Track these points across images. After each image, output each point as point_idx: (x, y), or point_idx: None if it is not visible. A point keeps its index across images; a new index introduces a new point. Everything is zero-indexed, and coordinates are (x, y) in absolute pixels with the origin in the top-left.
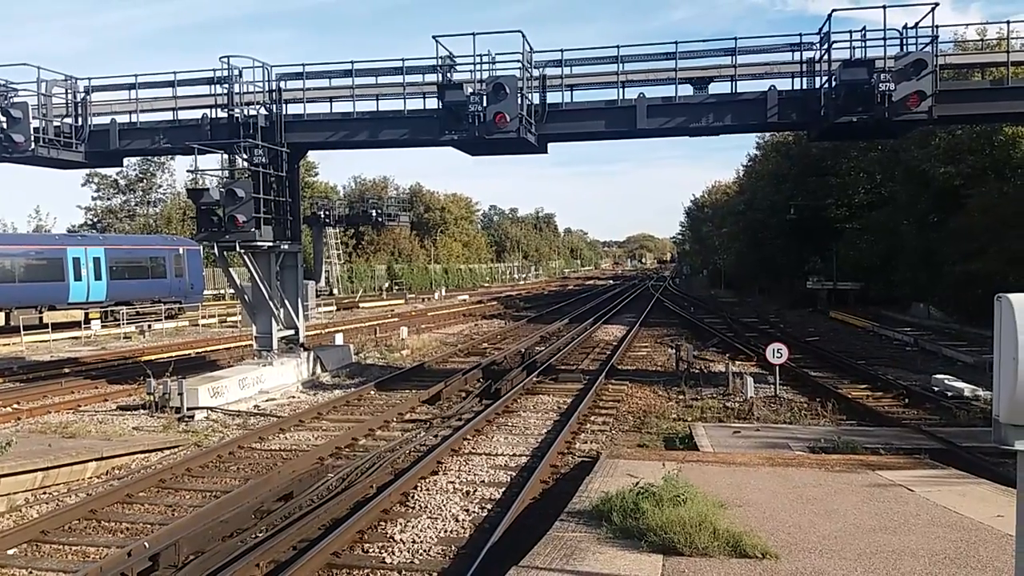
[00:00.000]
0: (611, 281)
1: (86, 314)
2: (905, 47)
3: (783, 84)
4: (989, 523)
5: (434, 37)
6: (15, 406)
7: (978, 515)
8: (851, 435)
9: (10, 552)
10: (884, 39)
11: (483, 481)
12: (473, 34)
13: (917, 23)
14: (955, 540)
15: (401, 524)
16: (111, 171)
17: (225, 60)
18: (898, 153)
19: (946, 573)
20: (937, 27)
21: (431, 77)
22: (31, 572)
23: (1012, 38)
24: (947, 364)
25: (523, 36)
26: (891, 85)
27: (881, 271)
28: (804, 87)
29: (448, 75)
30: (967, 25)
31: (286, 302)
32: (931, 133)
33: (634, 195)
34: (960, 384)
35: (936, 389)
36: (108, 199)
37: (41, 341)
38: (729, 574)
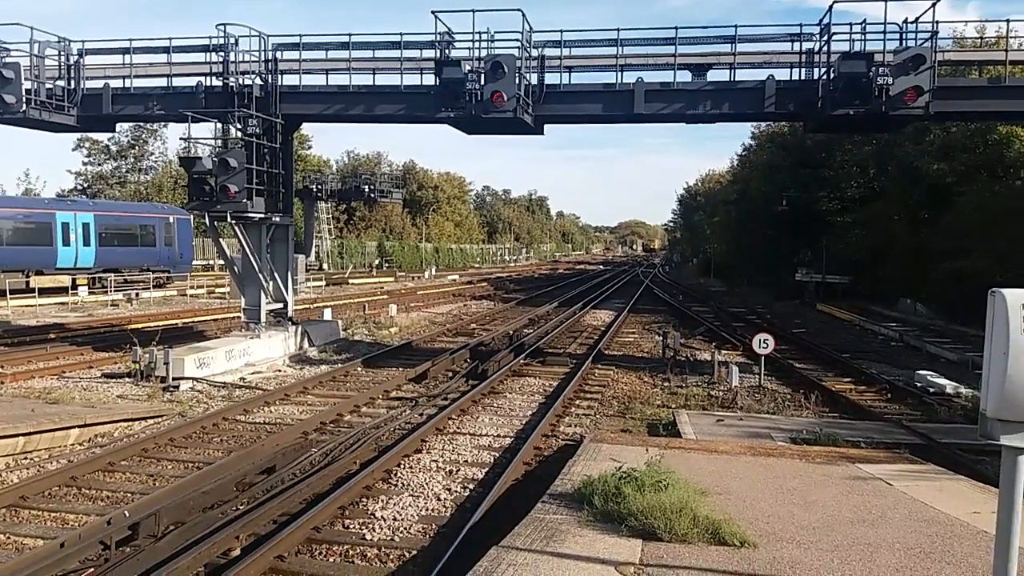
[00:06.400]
0: (601, 266)
1: (73, 280)
2: (905, 42)
3: (782, 74)
4: (965, 519)
5: (433, 12)
6: None
7: (955, 511)
8: (833, 428)
9: None
10: (884, 33)
11: (467, 461)
12: (473, 11)
13: (917, 18)
14: (931, 535)
15: (383, 501)
16: (103, 136)
17: (221, 28)
18: (892, 148)
19: (921, 567)
20: (937, 23)
21: (429, 53)
22: (9, 537)
23: (1011, 37)
24: (931, 360)
25: (523, 15)
26: (889, 79)
27: (870, 266)
28: (802, 78)
29: (446, 51)
30: (967, 22)
31: (275, 275)
32: (926, 129)
33: (627, 181)
34: (943, 381)
35: (919, 385)
36: (99, 165)
37: (27, 306)
38: (707, 561)
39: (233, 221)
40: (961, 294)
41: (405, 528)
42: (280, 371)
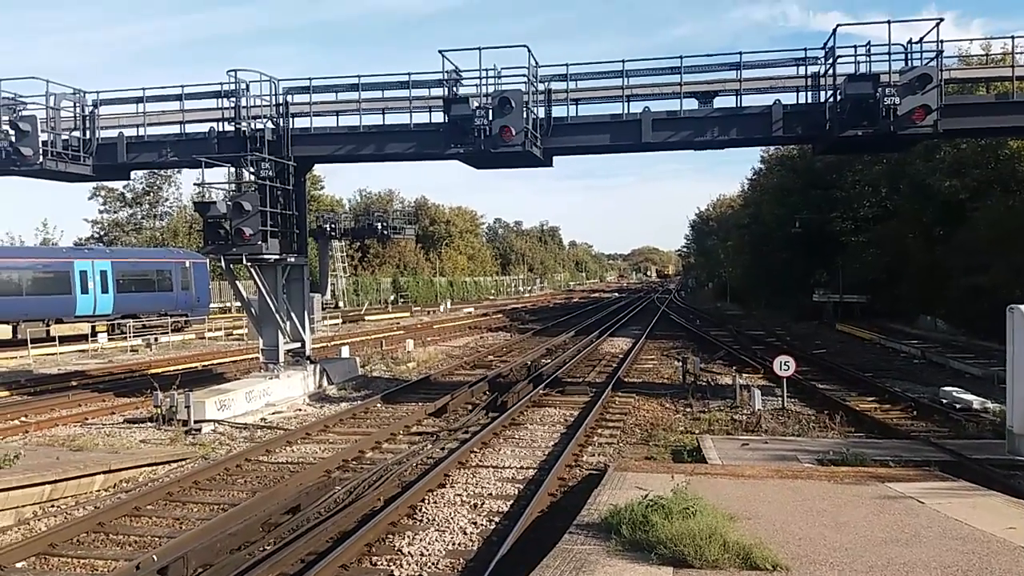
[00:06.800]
0: (616, 294)
1: (93, 327)
2: (910, 61)
3: (788, 98)
4: (1001, 535)
5: (440, 52)
6: (23, 419)
7: (989, 527)
8: (860, 447)
9: (19, 565)
10: (889, 54)
11: (491, 494)
12: (479, 48)
13: (922, 38)
14: (967, 553)
15: (409, 537)
16: (118, 184)
17: (233, 74)
18: (903, 166)
19: None
20: (942, 42)
21: (437, 91)
22: None
23: (1017, 52)
24: (955, 376)
25: (529, 51)
26: (896, 99)
27: (887, 284)
28: (809, 101)
29: (454, 89)
30: (971, 40)
31: (292, 315)
32: (936, 146)
33: (638, 208)
34: (969, 396)
35: (944, 401)
36: (115, 212)
37: (48, 354)
38: None
39: (249, 263)
40: (981, 309)
41: (433, 563)
42: (300, 410)
